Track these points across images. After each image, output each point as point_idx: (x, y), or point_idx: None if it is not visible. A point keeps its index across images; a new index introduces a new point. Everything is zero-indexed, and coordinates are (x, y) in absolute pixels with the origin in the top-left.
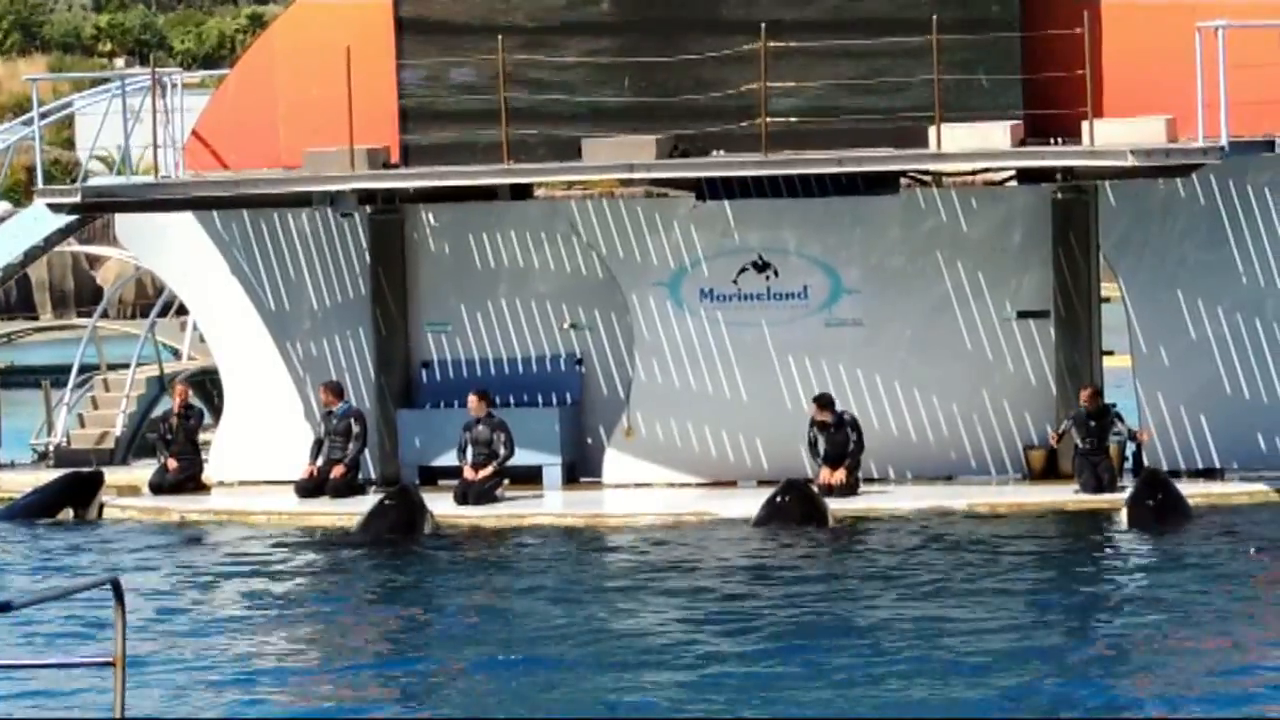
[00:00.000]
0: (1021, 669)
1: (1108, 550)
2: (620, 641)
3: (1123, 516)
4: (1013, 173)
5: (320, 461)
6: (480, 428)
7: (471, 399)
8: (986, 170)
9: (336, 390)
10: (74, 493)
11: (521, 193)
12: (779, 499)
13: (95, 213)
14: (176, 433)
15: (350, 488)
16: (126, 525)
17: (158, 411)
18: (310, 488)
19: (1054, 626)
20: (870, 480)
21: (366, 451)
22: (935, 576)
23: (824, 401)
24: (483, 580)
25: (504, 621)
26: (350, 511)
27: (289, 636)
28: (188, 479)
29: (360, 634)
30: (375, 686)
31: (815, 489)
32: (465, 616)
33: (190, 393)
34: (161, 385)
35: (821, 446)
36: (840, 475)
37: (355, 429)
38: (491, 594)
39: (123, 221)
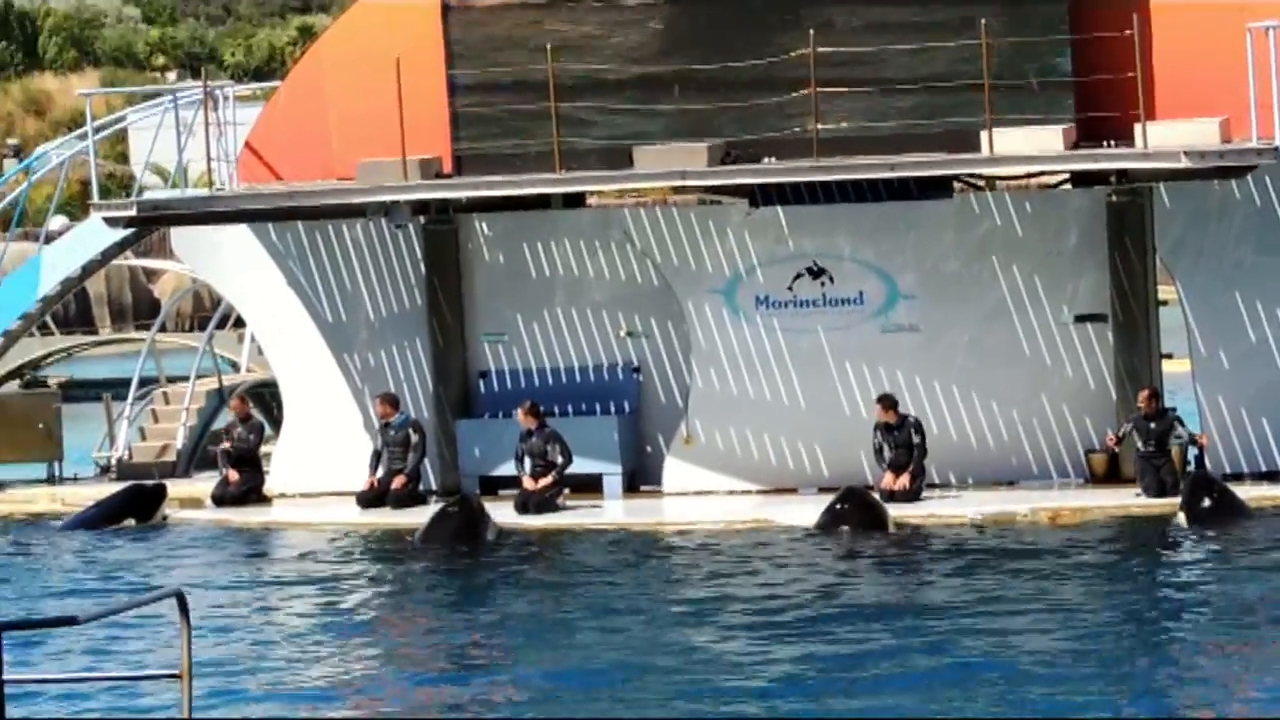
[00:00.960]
0: (1085, 674)
1: (1172, 554)
2: (680, 648)
3: (1181, 519)
4: (1066, 176)
5: (380, 472)
6: (534, 440)
7: (519, 413)
8: (1040, 174)
9: (393, 401)
10: (136, 505)
11: (574, 201)
12: (839, 506)
13: (151, 226)
14: (238, 445)
15: (412, 498)
16: (189, 538)
17: (218, 424)
18: (371, 498)
19: (1118, 631)
20: (931, 486)
21: (426, 461)
22: (997, 582)
23: (888, 402)
24: (544, 588)
25: (565, 629)
26: (412, 521)
27: (352, 646)
28: (249, 491)
29: (423, 642)
30: (439, 694)
31: (876, 495)
32: (527, 624)
33: (250, 405)
34: (221, 398)
35: (887, 453)
36: (904, 481)
37: (414, 439)
38: (553, 602)
39: (179, 235)
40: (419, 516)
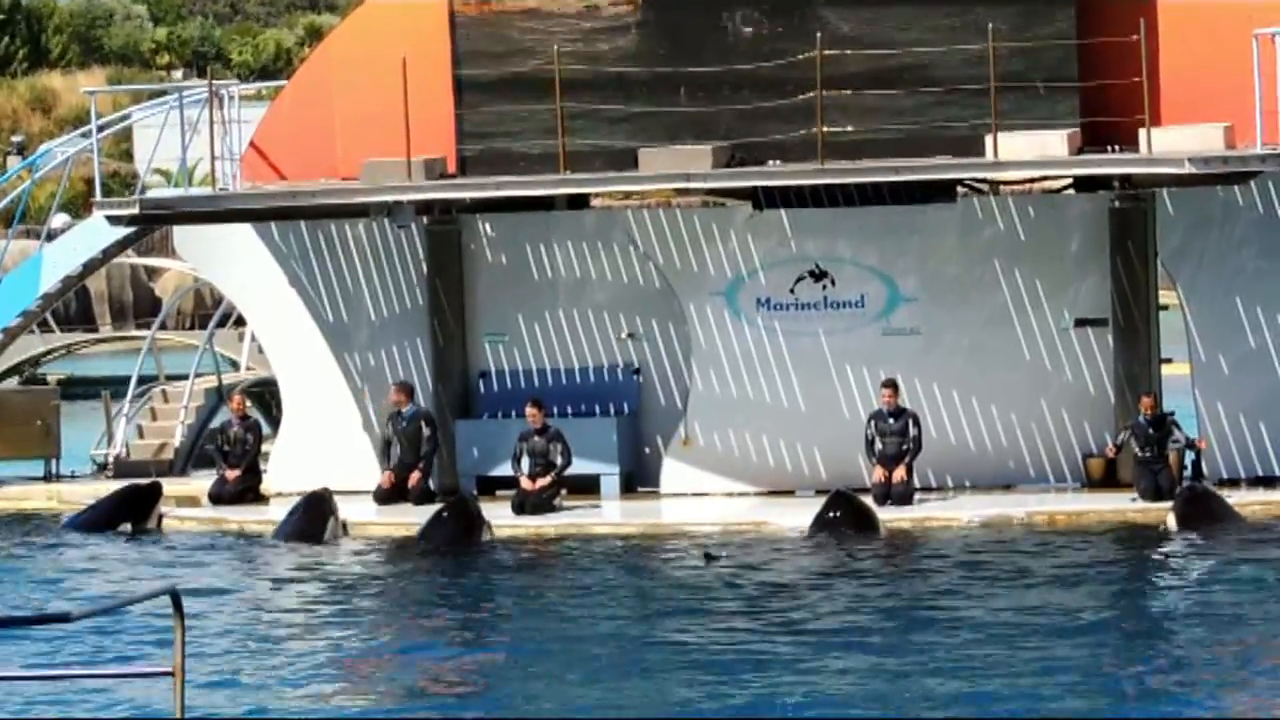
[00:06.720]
0: (1077, 677)
1: (1166, 558)
2: (676, 650)
3: (1171, 522)
4: (1070, 181)
5: (392, 463)
6: (537, 439)
7: (530, 410)
8: (1044, 179)
9: (408, 390)
10: (133, 504)
11: (578, 203)
12: (830, 514)
13: (153, 224)
14: (235, 444)
15: (427, 495)
16: (185, 536)
17: (216, 422)
18: (388, 495)
19: (1113, 635)
20: (928, 489)
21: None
22: (992, 585)
23: (893, 386)
24: (539, 590)
25: (561, 630)
26: (409, 521)
27: (347, 645)
28: (247, 490)
29: (417, 640)
30: (432, 691)
31: (866, 499)
32: (521, 625)
33: (248, 404)
34: (220, 396)
35: (878, 444)
36: (901, 473)
37: (425, 431)
38: (548, 604)
39: (181, 233)
40: (416, 516)
